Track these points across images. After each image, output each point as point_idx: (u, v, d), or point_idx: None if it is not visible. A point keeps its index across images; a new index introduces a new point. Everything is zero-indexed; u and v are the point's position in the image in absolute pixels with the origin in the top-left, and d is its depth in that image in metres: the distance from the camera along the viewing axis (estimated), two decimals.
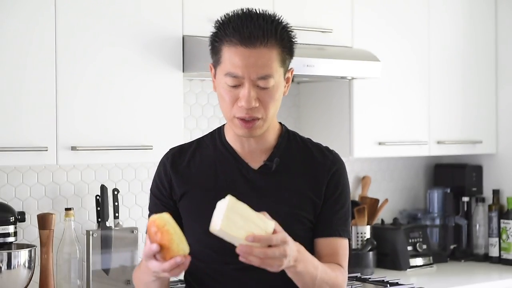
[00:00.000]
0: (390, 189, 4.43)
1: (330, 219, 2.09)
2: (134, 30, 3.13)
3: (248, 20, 1.98)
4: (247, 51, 1.96)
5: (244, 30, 1.96)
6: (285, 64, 2.03)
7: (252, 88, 1.97)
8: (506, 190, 4.34)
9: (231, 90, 1.99)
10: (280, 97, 2.04)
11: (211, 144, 2.14)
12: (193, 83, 3.68)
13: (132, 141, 3.13)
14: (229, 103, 2.01)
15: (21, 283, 3.02)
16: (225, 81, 2.00)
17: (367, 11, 3.81)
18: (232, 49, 1.97)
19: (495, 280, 3.92)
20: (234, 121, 2.01)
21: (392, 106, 3.92)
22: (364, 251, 3.88)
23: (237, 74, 1.97)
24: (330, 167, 2.11)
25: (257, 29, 1.96)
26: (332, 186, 2.10)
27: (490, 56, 4.33)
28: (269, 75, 1.98)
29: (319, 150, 2.14)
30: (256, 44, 1.96)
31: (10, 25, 2.88)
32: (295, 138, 2.15)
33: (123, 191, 3.49)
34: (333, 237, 2.09)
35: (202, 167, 2.11)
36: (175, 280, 3.56)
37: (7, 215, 3.02)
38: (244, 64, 1.96)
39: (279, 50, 2.00)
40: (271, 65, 1.98)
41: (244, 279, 2.07)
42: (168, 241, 1.83)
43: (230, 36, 1.97)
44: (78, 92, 3.01)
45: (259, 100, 1.99)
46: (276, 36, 1.98)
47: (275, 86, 2.00)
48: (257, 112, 1.99)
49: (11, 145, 2.87)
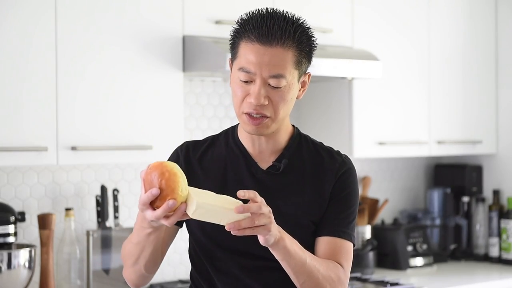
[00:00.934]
0: (390, 189, 4.43)
1: (333, 219, 2.07)
2: (134, 30, 3.13)
3: (269, 19, 1.99)
4: (262, 48, 1.97)
5: (263, 28, 1.98)
6: (301, 67, 2.04)
7: (262, 86, 1.98)
8: (506, 190, 4.34)
9: (243, 86, 2.01)
10: (292, 99, 2.04)
11: (224, 141, 2.15)
12: (193, 83, 3.68)
13: (132, 141, 3.13)
14: (240, 98, 2.02)
15: (21, 283, 3.02)
16: (238, 76, 2.01)
17: (367, 11, 3.81)
18: (249, 45, 1.99)
19: (495, 280, 3.92)
20: (242, 117, 2.03)
21: (392, 106, 3.92)
22: (364, 251, 3.88)
23: (249, 69, 1.98)
24: (338, 169, 2.10)
25: (276, 28, 1.97)
26: (338, 187, 2.09)
27: (490, 56, 4.33)
28: (281, 74, 1.98)
29: (329, 153, 2.14)
30: (272, 43, 1.97)
31: (10, 25, 2.88)
32: (306, 141, 2.16)
33: (123, 191, 3.49)
34: (334, 237, 2.07)
35: (213, 163, 2.12)
36: (175, 280, 3.56)
37: (7, 215, 3.02)
38: (258, 61, 1.97)
39: (296, 52, 2.00)
40: (285, 65, 1.99)
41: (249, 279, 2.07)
42: (174, 183, 1.80)
43: (249, 32, 1.99)
44: (78, 92, 3.01)
45: (269, 99, 2.00)
46: (294, 37, 1.99)
47: (287, 87, 2.01)
48: (266, 110, 2.00)
49: (11, 145, 2.87)
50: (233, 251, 2.06)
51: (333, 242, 2.07)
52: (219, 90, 3.77)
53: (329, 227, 2.07)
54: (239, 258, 2.07)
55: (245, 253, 2.05)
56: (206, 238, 2.09)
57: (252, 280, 2.07)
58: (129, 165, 3.52)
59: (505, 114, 4.33)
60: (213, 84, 3.75)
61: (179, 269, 3.65)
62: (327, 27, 3.65)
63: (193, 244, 2.14)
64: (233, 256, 2.07)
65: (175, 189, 1.81)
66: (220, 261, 2.09)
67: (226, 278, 2.09)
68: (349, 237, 2.09)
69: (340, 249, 2.07)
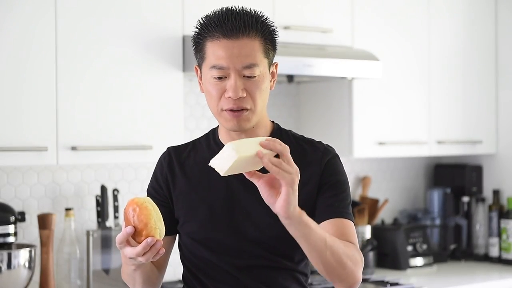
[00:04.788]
0: (390, 189, 4.43)
1: (331, 203, 2.06)
2: (135, 30, 3.13)
3: (228, 14, 2.02)
4: (230, 42, 1.99)
5: (226, 23, 2.00)
6: (269, 56, 2.06)
7: (238, 78, 1.99)
8: (506, 190, 4.34)
9: (218, 83, 2.01)
10: (267, 89, 2.05)
11: (206, 144, 2.15)
12: (193, 83, 3.68)
13: (132, 141, 3.13)
14: (216, 97, 2.02)
15: (21, 283, 3.02)
16: (211, 75, 2.02)
17: (367, 11, 3.81)
18: (216, 43, 2.00)
19: (495, 280, 3.92)
20: (223, 114, 2.03)
21: (392, 106, 3.92)
22: (364, 251, 3.88)
23: (222, 65, 1.99)
24: (322, 157, 2.10)
25: (238, 21, 2.00)
26: (327, 174, 2.08)
27: (490, 56, 4.33)
28: (253, 63, 2.00)
29: (310, 144, 2.14)
30: (238, 35, 1.99)
31: (10, 25, 2.88)
32: (288, 135, 2.15)
33: (123, 191, 3.49)
34: (338, 218, 2.05)
35: (197, 167, 2.12)
36: (175, 280, 3.56)
37: (7, 215, 3.02)
38: (228, 55, 1.99)
39: (261, 41, 2.02)
40: (255, 54, 2.01)
41: (243, 278, 2.07)
42: (146, 217, 1.82)
43: (213, 31, 2.01)
44: (78, 92, 3.01)
45: (246, 90, 2.00)
46: (257, 27, 2.02)
47: (261, 76, 2.02)
48: (245, 102, 2.00)
49: (11, 145, 2.87)
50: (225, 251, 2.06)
51: (339, 223, 2.05)
52: None
53: (330, 211, 2.06)
54: (232, 258, 2.07)
55: (237, 252, 2.05)
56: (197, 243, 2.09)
57: (246, 279, 2.07)
58: (129, 165, 3.52)
59: (505, 114, 4.33)
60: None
61: (179, 269, 3.61)
62: (327, 27, 3.65)
63: (184, 247, 2.14)
64: (225, 256, 2.07)
65: (148, 223, 1.82)
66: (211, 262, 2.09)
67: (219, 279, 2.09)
68: (351, 216, 2.08)
69: (347, 229, 2.05)
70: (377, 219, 4.21)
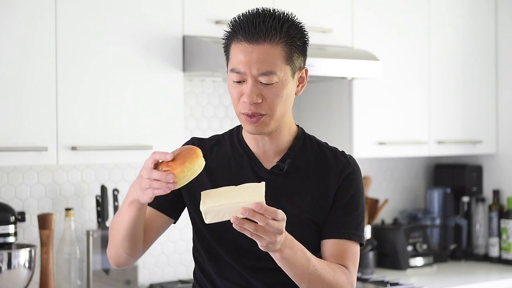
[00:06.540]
0: (390, 189, 4.43)
1: (340, 221, 2.07)
2: (134, 30, 3.13)
3: (255, 18, 2.01)
4: (250, 47, 1.99)
5: (250, 27, 1.99)
6: (293, 63, 2.04)
7: (254, 84, 1.99)
8: (506, 190, 4.34)
9: (237, 86, 2.02)
10: (288, 96, 2.04)
11: (229, 141, 2.16)
12: (193, 83, 3.68)
13: (132, 141, 3.13)
14: (235, 99, 2.03)
15: (21, 283, 3.02)
16: (231, 78, 2.03)
17: (367, 11, 3.81)
18: (238, 46, 2.01)
19: (495, 280, 3.92)
20: (241, 117, 2.04)
21: (392, 106, 3.92)
22: (364, 251, 3.88)
23: (239, 69, 2.00)
24: (342, 171, 2.10)
25: (261, 26, 1.99)
26: (343, 189, 2.09)
27: (490, 56, 4.33)
28: (270, 71, 1.99)
29: (333, 154, 2.14)
30: (259, 41, 1.98)
31: (10, 25, 2.88)
32: (311, 141, 2.16)
33: (123, 191, 3.49)
34: (341, 239, 2.06)
35: (218, 162, 2.12)
36: (175, 280, 3.56)
37: (7, 215, 3.02)
38: (247, 60, 1.98)
39: (285, 48, 2.01)
40: (274, 61, 1.99)
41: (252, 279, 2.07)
42: (188, 162, 1.83)
43: (238, 33, 2.01)
44: (78, 92, 3.01)
45: (263, 96, 2.00)
46: (282, 33, 2.00)
47: (280, 84, 2.01)
48: (261, 108, 2.00)
49: (11, 145, 2.88)
50: (236, 250, 2.06)
51: (341, 244, 2.06)
52: (219, 90, 3.77)
53: (335, 229, 2.07)
54: (242, 258, 2.07)
55: (248, 253, 2.05)
56: (209, 234, 2.09)
57: (255, 281, 2.08)
58: (129, 165, 3.52)
59: (505, 114, 4.33)
60: (213, 84, 3.75)
61: (179, 269, 3.65)
62: (327, 27, 3.65)
63: (197, 242, 2.14)
64: (236, 256, 2.07)
65: (183, 166, 1.82)
66: (223, 260, 2.09)
67: (229, 278, 2.09)
68: (358, 238, 2.08)
69: (347, 252, 2.07)
70: (377, 219, 4.21)
